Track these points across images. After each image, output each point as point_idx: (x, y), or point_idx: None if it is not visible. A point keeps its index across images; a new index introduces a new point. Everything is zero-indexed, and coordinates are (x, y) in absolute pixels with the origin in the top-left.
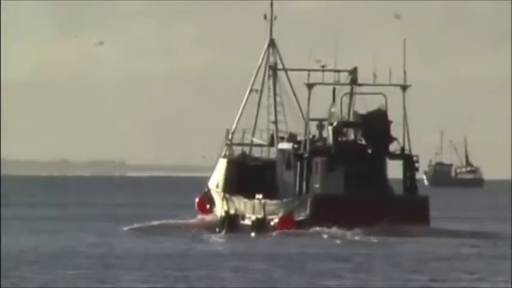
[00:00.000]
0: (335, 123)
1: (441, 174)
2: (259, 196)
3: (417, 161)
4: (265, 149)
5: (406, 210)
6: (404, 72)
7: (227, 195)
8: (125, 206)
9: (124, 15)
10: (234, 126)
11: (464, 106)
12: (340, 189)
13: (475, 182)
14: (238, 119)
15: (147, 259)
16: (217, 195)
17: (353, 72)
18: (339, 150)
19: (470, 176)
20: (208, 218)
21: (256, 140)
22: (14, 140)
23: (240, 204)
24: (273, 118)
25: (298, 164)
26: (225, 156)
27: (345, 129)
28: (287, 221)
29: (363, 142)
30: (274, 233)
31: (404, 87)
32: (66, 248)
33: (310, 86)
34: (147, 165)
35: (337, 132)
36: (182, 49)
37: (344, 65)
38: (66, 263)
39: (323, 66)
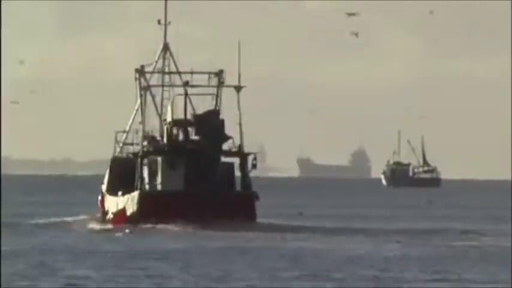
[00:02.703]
0: (168, 123)
1: (399, 174)
2: (120, 193)
3: (255, 159)
4: None
5: (232, 206)
6: (239, 74)
7: (104, 193)
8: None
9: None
10: (128, 127)
11: (421, 105)
12: (180, 187)
13: (433, 181)
14: (133, 120)
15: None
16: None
17: (219, 74)
18: (172, 149)
19: (427, 175)
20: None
21: None
22: (15, 140)
23: (109, 200)
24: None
25: (136, 162)
26: (113, 156)
27: (176, 129)
28: (119, 216)
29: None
30: (91, 228)
31: (238, 88)
32: None
33: (145, 89)
34: None
35: (170, 131)
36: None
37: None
38: None
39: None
